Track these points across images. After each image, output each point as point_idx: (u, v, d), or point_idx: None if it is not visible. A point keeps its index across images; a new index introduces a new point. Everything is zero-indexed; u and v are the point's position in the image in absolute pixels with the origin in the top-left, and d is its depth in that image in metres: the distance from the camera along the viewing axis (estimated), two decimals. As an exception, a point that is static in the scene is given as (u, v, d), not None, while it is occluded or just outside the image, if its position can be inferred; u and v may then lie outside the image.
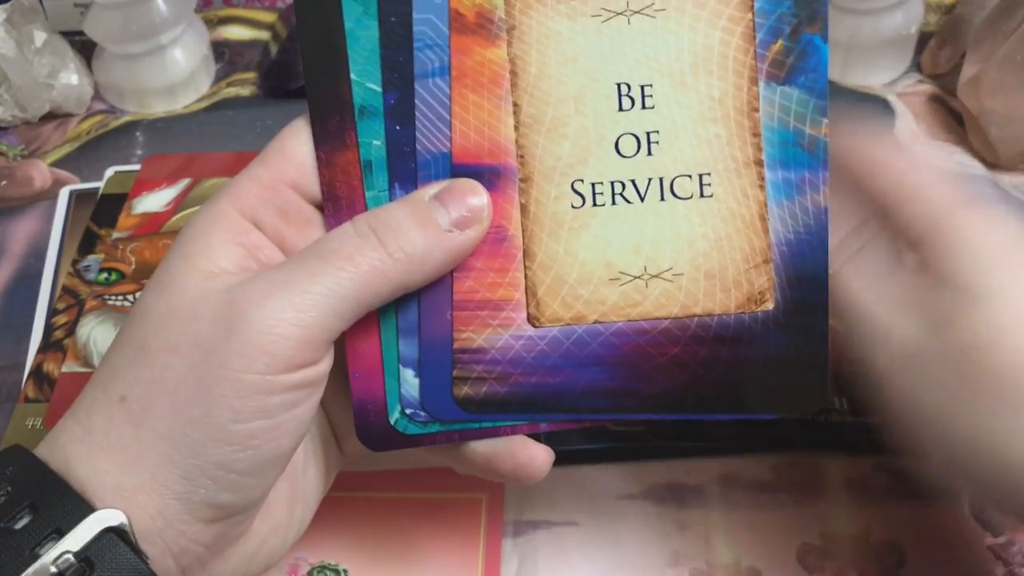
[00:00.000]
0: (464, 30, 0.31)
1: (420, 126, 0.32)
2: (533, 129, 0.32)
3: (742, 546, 0.41)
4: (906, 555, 0.40)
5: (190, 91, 0.62)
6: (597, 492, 0.43)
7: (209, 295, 0.29)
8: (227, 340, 0.28)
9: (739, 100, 0.32)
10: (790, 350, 0.33)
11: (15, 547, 0.27)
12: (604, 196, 0.32)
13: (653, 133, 0.32)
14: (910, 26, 0.59)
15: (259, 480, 0.29)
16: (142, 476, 0.28)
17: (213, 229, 0.31)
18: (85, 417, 0.29)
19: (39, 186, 0.58)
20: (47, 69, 0.60)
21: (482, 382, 0.33)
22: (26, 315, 0.51)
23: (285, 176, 0.32)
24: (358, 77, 0.31)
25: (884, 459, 0.43)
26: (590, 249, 0.32)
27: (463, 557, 0.40)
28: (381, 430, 0.33)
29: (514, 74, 0.32)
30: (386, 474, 0.43)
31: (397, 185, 0.32)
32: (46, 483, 0.28)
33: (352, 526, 0.41)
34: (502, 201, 0.32)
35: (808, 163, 0.32)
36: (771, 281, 0.32)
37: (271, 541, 0.32)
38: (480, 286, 0.32)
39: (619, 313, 0.33)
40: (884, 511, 0.42)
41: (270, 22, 0.67)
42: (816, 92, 0.31)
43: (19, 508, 0.27)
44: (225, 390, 0.28)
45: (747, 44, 0.31)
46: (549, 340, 0.33)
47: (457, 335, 0.32)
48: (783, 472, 0.43)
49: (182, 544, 0.28)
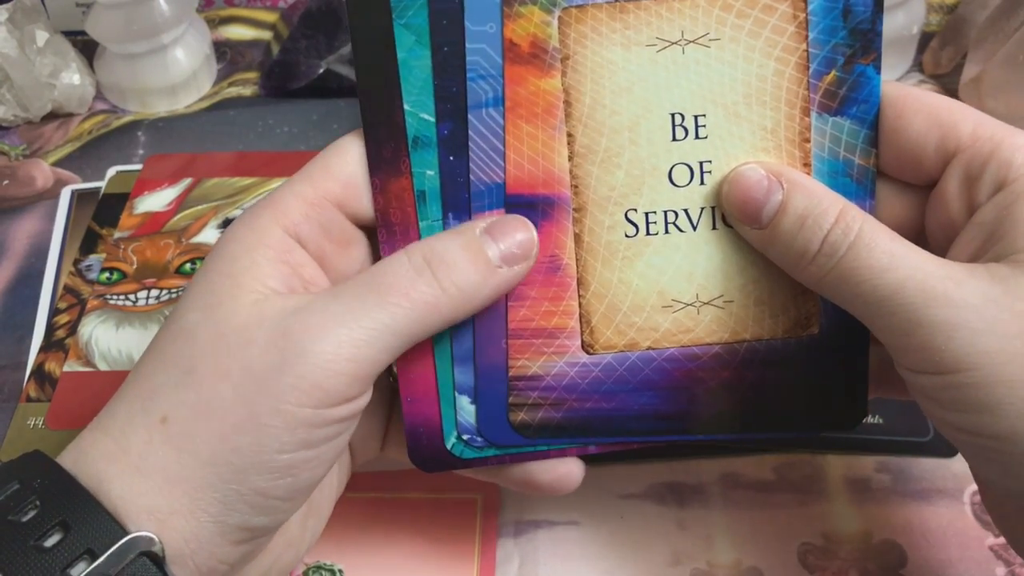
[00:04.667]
0: (518, 60, 0.31)
1: (474, 156, 0.32)
2: (587, 159, 0.32)
3: (743, 546, 0.41)
4: (906, 555, 0.41)
5: (192, 91, 0.62)
6: (598, 492, 0.43)
7: (262, 321, 0.29)
8: (281, 372, 0.28)
9: (791, 131, 0.32)
10: (833, 370, 0.34)
11: (46, 567, 0.26)
12: (657, 225, 0.32)
13: (706, 163, 0.32)
14: (912, 26, 0.59)
15: (292, 505, 0.30)
16: (180, 500, 0.28)
17: (257, 245, 0.30)
18: (119, 434, 0.28)
19: (41, 186, 0.57)
20: (49, 69, 0.59)
21: (538, 408, 0.33)
22: (28, 314, 0.51)
23: (330, 194, 0.31)
24: (411, 107, 0.31)
25: (884, 459, 0.44)
26: (643, 277, 0.33)
27: (459, 557, 0.41)
28: (436, 453, 0.33)
29: (568, 104, 0.32)
30: (382, 475, 0.43)
31: (451, 215, 0.32)
32: (78, 501, 0.27)
33: (348, 526, 0.41)
34: (556, 231, 0.32)
35: (856, 192, 0.32)
36: (817, 306, 0.33)
37: (285, 556, 0.33)
38: (535, 315, 0.32)
39: (671, 339, 0.33)
40: (884, 511, 0.42)
41: (272, 22, 0.66)
42: (867, 123, 0.32)
43: (50, 525, 0.27)
44: (275, 421, 0.28)
45: (800, 75, 0.32)
46: (603, 367, 0.33)
47: (512, 363, 0.33)
48: (783, 472, 0.43)
49: (210, 564, 0.28)
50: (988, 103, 0.55)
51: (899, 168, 0.33)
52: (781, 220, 0.31)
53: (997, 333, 0.28)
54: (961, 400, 0.28)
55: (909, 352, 0.29)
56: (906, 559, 0.41)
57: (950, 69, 0.61)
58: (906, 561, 0.40)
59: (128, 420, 0.29)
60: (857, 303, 0.30)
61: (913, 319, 0.28)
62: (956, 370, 0.28)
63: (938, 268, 0.29)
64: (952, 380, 0.28)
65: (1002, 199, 0.30)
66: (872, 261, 0.29)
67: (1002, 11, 0.56)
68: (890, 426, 0.44)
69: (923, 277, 0.28)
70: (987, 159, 0.30)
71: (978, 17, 0.59)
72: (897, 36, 0.59)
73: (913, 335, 0.28)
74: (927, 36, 0.62)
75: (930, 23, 0.64)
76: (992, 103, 0.55)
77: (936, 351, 0.28)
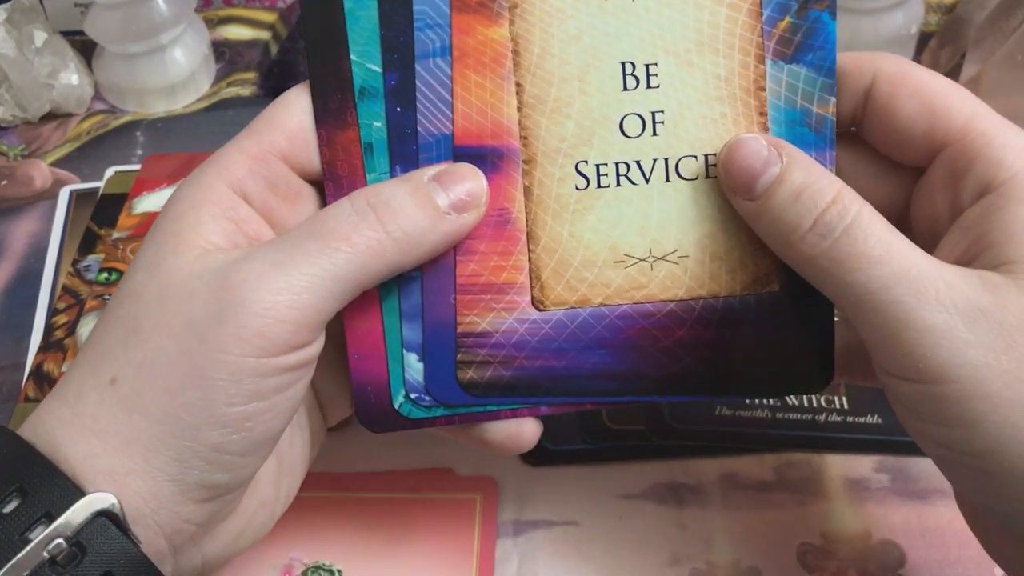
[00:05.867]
0: (465, 9, 0.31)
1: (421, 108, 0.31)
2: (536, 110, 0.31)
3: (742, 546, 0.41)
4: (905, 555, 0.40)
5: (190, 91, 0.62)
6: (597, 492, 0.42)
7: (202, 273, 0.28)
8: (222, 322, 0.27)
9: (745, 79, 0.31)
10: (796, 331, 0.33)
11: (5, 532, 0.26)
12: (609, 177, 0.32)
13: (658, 113, 0.31)
14: (910, 26, 0.59)
15: (252, 460, 0.29)
16: (134, 459, 0.27)
17: (202, 203, 0.30)
18: (74, 399, 0.28)
19: (39, 186, 0.58)
20: (47, 69, 0.59)
21: (486, 366, 0.32)
22: (26, 315, 0.51)
23: (274, 148, 0.31)
24: (358, 58, 0.31)
25: (883, 459, 0.43)
26: (595, 231, 0.32)
27: (458, 557, 0.40)
28: (383, 413, 0.33)
29: (516, 53, 0.31)
30: (381, 475, 0.43)
31: (399, 168, 0.31)
32: (35, 466, 0.27)
33: (347, 527, 0.41)
34: (505, 183, 0.32)
35: (815, 142, 0.31)
36: (777, 262, 0.32)
37: (259, 516, 0.32)
38: (484, 270, 0.32)
39: (624, 296, 0.32)
40: (883, 511, 0.42)
41: (270, 22, 0.67)
42: (824, 70, 0.31)
43: (7, 492, 0.27)
44: (220, 373, 0.27)
45: (753, 21, 0.31)
46: (554, 323, 0.32)
47: (461, 319, 0.32)
48: (783, 472, 0.43)
49: (175, 525, 0.28)
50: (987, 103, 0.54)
51: (887, 147, 0.32)
52: (775, 191, 0.30)
53: (984, 346, 0.27)
54: (941, 412, 0.28)
55: (891, 354, 0.28)
56: (905, 559, 0.40)
57: (949, 69, 0.60)
58: (905, 561, 0.40)
59: (80, 385, 0.28)
60: (845, 292, 0.29)
61: (902, 319, 0.27)
62: (938, 380, 0.27)
63: (932, 267, 0.28)
64: (933, 391, 0.27)
65: (990, 203, 0.29)
66: (867, 249, 0.28)
67: (1001, 11, 0.55)
68: (889, 426, 0.44)
69: (916, 275, 0.28)
70: (975, 156, 0.30)
71: (977, 17, 0.58)
72: (896, 36, 0.59)
73: (898, 336, 0.28)
74: (926, 36, 0.62)
75: (929, 23, 0.63)
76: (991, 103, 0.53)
77: (920, 357, 0.27)
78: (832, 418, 0.44)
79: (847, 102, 0.32)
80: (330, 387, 0.34)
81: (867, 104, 0.32)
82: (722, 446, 0.43)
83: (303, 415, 0.34)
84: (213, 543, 0.30)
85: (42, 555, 0.26)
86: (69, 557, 0.26)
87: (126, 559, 0.27)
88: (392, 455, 0.43)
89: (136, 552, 0.27)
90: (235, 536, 0.31)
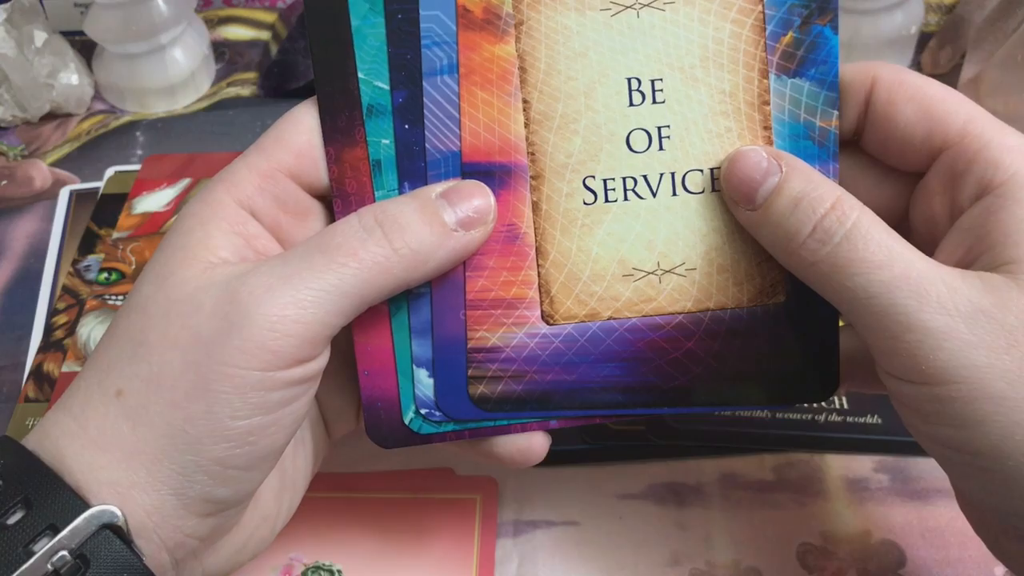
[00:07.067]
0: (472, 26, 0.31)
1: (429, 125, 0.31)
2: (543, 126, 0.32)
3: (742, 546, 0.41)
4: (905, 555, 0.40)
5: (190, 91, 0.62)
6: (597, 492, 0.43)
7: (209, 287, 0.28)
8: (227, 336, 0.27)
9: (750, 93, 0.31)
10: (801, 341, 0.33)
11: (8, 543, 0.26)
12: (616, 192, 0.32)
13: (664, 128, 0.32)
14: (910, 26, 0.59)
15: (255, 474, 0.29)
16: (138, 472, 0.27)
17: (211, 218, 0.30)
18: (79, 411, 0.28)
19: (39, 186, 0.58)
20: (47, 69, 0.59)
21: (497, 381, 0.33)
22: (26, 315, 0.51)
23: (283, 165, 0.31)
24: (365, 75, 0.31)
25: (883, 459, 0.43)
26: (603, 246, 0.32)
27: (458, 557, 0.40)
28: (394, 429, 0.33)
29: (523, 70, 0.31)
30: (381, 475, 0.43)
31: (407, 185, 0.32)
32: (39, 477, 0.27)
33: (347, 527, 0.41)
34: (513, 199, 0.32)
35: (819, 156, 0.32)
36: (783, 273, 0.32)
37: (261, 530, 0.32)
38: (493, 285, 0.32)
39: (633, 309, 0.32)
40: (883, 511, 0.42)
41: (270, 22, 0.66)
42: (827, 84, 0.31)
43: (12, 503, 0.27)
44: (224, 387, 0.27)
45: (757, 36, 0.31)
46: (563, 337, 0.32)
47: (471, 334, 0.32)
48: (782, 472, 0.43)
49: (177, 538, 0.28)
50: (987, 103, 0.55)
51: (885, 154, 0.32)
52: (775, 200, 0.30)
53: (986, 346, 0.27)
54: (944, 413, 0.28)
55: (894, 357, 0.28)
56: (905, 559, 0.40)
57: (949, 69, 0.60)
58: (905, 561, 0.40)
59: (86, 397, 0.29)
60: (846, 296, 0.29)
61: (903, 322, 0.28)
62: (941, 382, 0.27)
63: (932, 270, 0.28)
64: (936, 392, 0.28)
65: (989, 204, 0.29)
66: (867, 254, 0.28)
67: (1000, 11, 0.55)
68: (889, 426, 0.44)
69: (917, 278, 0.28)
70: (973, 158, 0.30)
71: (976, 17, 0.58)
72: (895, 36, 0.59)
73: (901, 339, 0.28)
74: (925, 36, 0.62)
75: (928, 23, 0.63)
76: (991, 103, 0.54)
77: (923, 359, 0.28)
78: (832, 418, 0.44)
79: (848, 113, 0.32)
80: (334, 401, 0.35)
81: (867, 114, 0.32)
82: (722, 446, 0.44)
83: (306, 429, 0.34)
84: (214, 557, 0.30)
85: (46, 567, 0.26)
86: (73, 570, 0.26)
87: (129, 572, 0.27)
88: (392, 455, 0.43)
89: (139, 566, 0.27)
90: (236, 550, 0.31)
